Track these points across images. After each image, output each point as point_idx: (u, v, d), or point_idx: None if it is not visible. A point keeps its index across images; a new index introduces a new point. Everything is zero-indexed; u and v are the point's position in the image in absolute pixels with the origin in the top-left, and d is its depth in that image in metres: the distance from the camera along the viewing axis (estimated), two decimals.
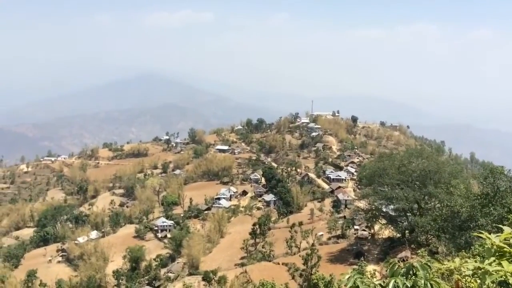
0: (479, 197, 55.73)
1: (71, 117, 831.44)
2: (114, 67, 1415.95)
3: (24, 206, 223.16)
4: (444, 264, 6.11)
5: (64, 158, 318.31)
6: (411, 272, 6.20)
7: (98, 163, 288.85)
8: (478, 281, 5.40)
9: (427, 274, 6.05)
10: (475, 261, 6.28)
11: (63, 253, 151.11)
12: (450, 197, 66.53)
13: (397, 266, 6.29)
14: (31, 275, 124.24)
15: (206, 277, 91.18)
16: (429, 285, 5.87)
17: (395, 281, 5.98)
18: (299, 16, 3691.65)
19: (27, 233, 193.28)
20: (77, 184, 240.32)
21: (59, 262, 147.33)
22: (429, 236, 78.57)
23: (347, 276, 5.98)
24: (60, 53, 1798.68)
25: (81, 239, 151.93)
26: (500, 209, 49.98)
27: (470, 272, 5.32)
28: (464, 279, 5.56)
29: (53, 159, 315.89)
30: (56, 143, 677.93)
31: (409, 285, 5.98)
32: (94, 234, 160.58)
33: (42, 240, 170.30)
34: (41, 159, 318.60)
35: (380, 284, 6.33)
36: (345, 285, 6.08)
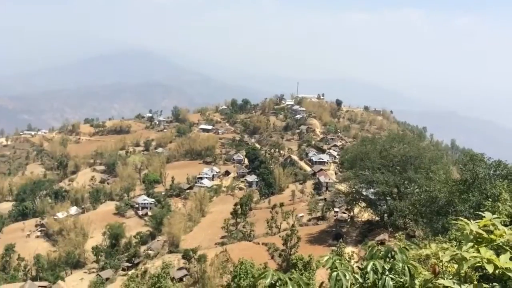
0: (458, 183, 56.65)
1: (53, 91, 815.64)
2: (101, 41, 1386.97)
3: (2, 180, 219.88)
4: (422, 249, 6.06)
5: (45, 133, 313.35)
6: (389, 255, 6.15)
7: (79, 138, 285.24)
8: (455, 266, 5.35)
9: (405, 258, 6.00)
10: (452, 246, 6.25)
11: (42, 228, 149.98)
12: (429, 182, 67.57)
13: (376, 249, 6.22)
14: (9, 249, 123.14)
15: (186, 255, 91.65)
16: (406, 268, 5.82)
17: (373, 263, 5.91)
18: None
19: (6, 207, 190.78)
20: (57, 159, 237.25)
21: (37, 237, 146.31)
22: (407, 220, 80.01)
23: (326, 258, 5.89)
24: (45, 24, 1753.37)
25: (60, 215, 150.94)
26: (478, 195, 50.83)
27: (448, 258, 5.26)
28: (441, 264, 5.50)
29: (33, 133, 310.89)
30: (37, 117, 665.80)
31: (387, 268, 5.91)
32: (73, 210, 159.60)
33: (21, 215, 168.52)
34: (21, 133, 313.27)
35: (358, 267, 6.27)
36: (323, 266, 5.99)
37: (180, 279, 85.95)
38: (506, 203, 32.95)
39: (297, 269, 51.06)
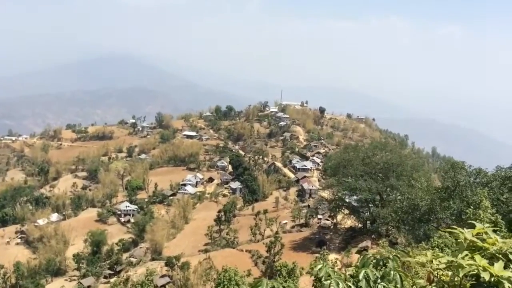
0: (439, 190, 57.46)
1: (35, 96, 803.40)
2: (86, 46, 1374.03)
3: None
4: (416, 257, 6.23)
5: (26, 138, 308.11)
6: (381, 263, 6.30)
7: (61, 144, 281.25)
8: (449, 274, 5.53)
9: (396, 266, 6.16)
10: (441, 254, 6.42)
11: (22, 235, 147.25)
12: (411, 189, 68.29)
13: (367, 257, 6.37)
14: None
15: (169, 263, 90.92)
16: (398, 276, 5.98)
17: (365, 271, 6.05)
18: (273, 4, 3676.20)
19: None
20: (38, 165, 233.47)
21: (17, 244, 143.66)
22: (389, 227, 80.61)
23: (319, 266, 6.01)
24: (29, 28, 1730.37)
25: (41, 221, 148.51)
26: (459, 203, 51.62)
27: (443, 266, 5.44)
28: (435, 272, 5.68)
29: (13, 138, 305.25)
30: (18, 122, 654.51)
31: (378, 276, 6.06)
32: (54, 216, 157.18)
33: (1, 221, 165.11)
34: (1, 138, 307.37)
35: (350, 275, 6.40)
36: (316, 275, 6.11)
37: (163, 287, 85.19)
38: (487, 211, 33.59)
39: (281, 276, 51.13)
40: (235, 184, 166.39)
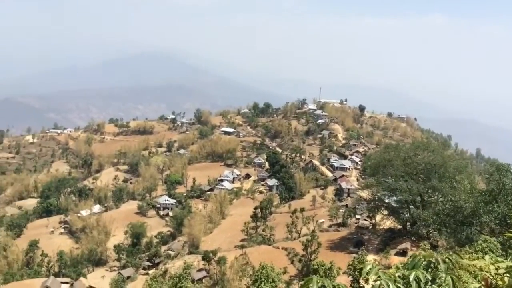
0: (483, 193, 55.72)
1: (79, 91, 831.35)
2: (125, 43, 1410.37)
3: (28, 177, 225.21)
4: (474, 261, 6.15)
5: (70, 131, 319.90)
6: (431, 266, 6.27)
7: (104, 138, 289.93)
8: (506, 280, 5.46)
9: (448, 269, 6.10)
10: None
11: (66, 225, 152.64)
12: (454, 191, 66.64)
13: (418, 259, 6.35)
14: (33, 245, 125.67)
15: (206, 257, 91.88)
16: (450, 279, 5.93)
17: (416, 273, 6.04)
18: (310, 2, 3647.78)
19: (31, 203, 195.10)
20: (82, 158, 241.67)
21: (61, 233, 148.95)
22: (430, 229, 78.89)
23: (368, 267, 6.04)
24: (70, 26, 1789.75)
25: (83, 212, 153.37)
26: (504, 207, 49.94)
27: (503, 271, 5.37)
28: (493, 277, 5.61)
29: (59, 131, 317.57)
30: (63, 116, 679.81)
31: (429, 278, 6.04)
32: (96, 208, 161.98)
33: (45, 211, 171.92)
34: (47, 131, 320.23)
35: (399, 276, 6.38)
36: (364, 277, 6.13)
37: (200, 280, 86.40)
38: None
39: (317, 275, 51.00)
40: (272, 181, 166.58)
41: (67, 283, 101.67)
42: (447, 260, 6.05)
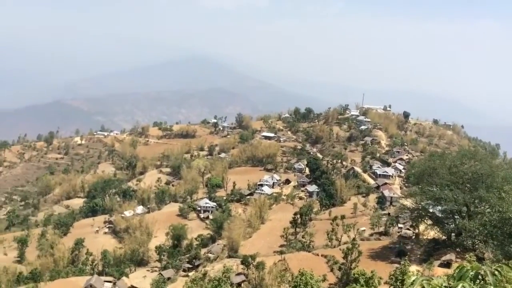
0: None
1: (125, 94, 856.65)
2: (167, 47, 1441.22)
3: (75, 177, 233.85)
4: None
5: (116, 134, 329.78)
6: (479, 278, 6.10)
7: (148, 141, 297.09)
8: None
9: (496, 282, 5.93)
10: None
11: (110, 225, 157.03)
12: (501, 202, 64.26)
13: (465, 270, 6.20)
14: (79, 243, 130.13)
15: (245, 261, 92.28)
16: None
17: (463, 285, 5.90)
18: (354, 6, 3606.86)
19: (77, 203, 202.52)
20: (126, 160, 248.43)
21: (105, 233, 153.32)
22: (476, 241, 76.33)
23: (413, 278, 5.95)
24: (115, 30, 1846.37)
25: (127, 213, 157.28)
26: None
27: None
28: None
29: (105, 133, 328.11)
30: (109, 119, 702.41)
31: None
32: (140, 209, 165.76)
33: (91, 211, 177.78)
34: (94, 133, 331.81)
35: (445, 286, 6.26)
36: (411, 285, 6.04)
37: (239, 285, 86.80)
38: None
39: (358, 284, 50.12)
40: (312, 187, 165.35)
41: (110, 282, 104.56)
42: (496, 272, 5.88)
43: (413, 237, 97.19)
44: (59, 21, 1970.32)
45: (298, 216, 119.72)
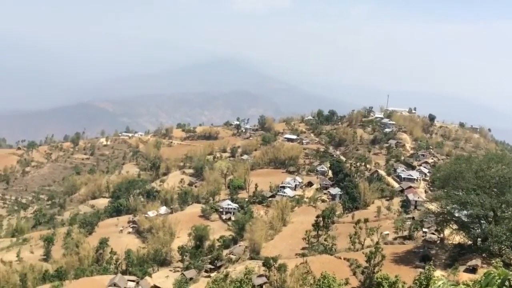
0: None
1: (149, 96, 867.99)
2: (191, 49, 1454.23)
3: (101, 177, 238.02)
4: None
5: (141, 135, 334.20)
6: (506, 284, 5.96)
7: (172, 142, 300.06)
8: None
9: None
10: None
11: (134, 225, 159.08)
12: None
13: (492, 276, 6.07)
14: (103, 242, 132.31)
15: (267, 263, 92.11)
16: None
17: None
18: (379, 9, 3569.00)
19: (102, 202, 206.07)
20: (150, 161, 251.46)
21: (129, 233, 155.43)
22: (503, 246, 74.70)
23: (440, 282, 5.85)
24: (142, 33, 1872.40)
25: (151, 213, 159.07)
26: None
27: None
28: None
29: (130, 135, 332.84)
30: (134, 120, 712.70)
31: None
32: (163, 209, 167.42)
33: (115, 211, 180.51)
34: (120, 134, 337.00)
35: None
36: None
37: (260, 286, 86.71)
38: None
39: None
40: (335, 190, 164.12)
41: (133, 281, 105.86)
42: None
43: (438, 241, 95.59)
44: (85, 24, 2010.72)
45: (321, 218, 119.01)
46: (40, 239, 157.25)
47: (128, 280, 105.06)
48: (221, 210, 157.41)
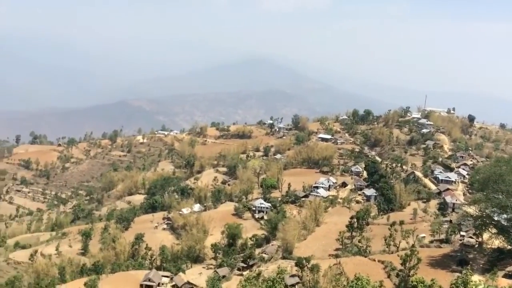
0: None
1: (185, 95, 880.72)
2: (226, 50, 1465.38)
3: (137, 174, 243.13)
4: None
5: (176, 133, 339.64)
6: None
7: (206, 140, 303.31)
8: None
9: None
10: None
11: (168, 222, 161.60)
12: None
13: None
14: (139, 238, 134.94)
15: (299, 263, 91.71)
16: None
17: None
18: (418, 7, 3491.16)
19: (138, 199, 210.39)
20: (185, 159, 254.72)
21: (164, 229, 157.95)
22: None
23: (480, 287, 5.66)
24: (176, 34, 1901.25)
25: (185, 210, 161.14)
26: None
27: None
28: None
29: (166, 133, 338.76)
30: (170, 118, 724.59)
31: None
32: (197, 207, 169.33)
33: (151, 207, 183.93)
34: (156, 132, 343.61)
35: None
36: None
37: (292, 286, 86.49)
38: None
39: None
40: (370, 191, 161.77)
41: (167, 276, 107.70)
42: None
43: (476, 245, 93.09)
44: (121, 27, 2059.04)
45: (355, 220, 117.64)
46: (78, 234, 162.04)
47: (163, 276, 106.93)
48: (254, 209, 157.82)
